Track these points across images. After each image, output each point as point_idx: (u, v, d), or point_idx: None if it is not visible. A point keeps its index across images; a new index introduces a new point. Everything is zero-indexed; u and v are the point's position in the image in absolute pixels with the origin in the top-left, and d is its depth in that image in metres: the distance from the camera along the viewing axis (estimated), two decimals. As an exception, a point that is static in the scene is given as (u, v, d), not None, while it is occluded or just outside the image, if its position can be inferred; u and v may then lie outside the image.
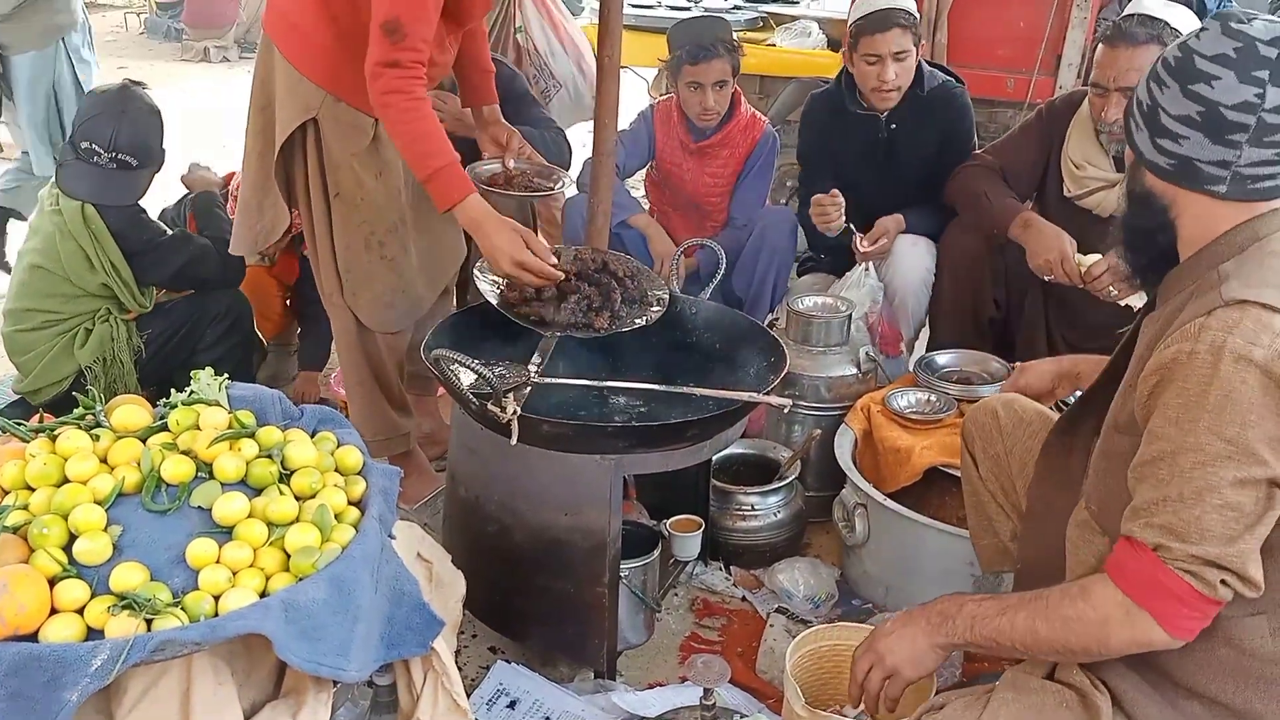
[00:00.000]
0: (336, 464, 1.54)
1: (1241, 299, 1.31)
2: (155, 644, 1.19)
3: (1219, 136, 1.35)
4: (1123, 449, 1.44)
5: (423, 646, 1.49)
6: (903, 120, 3.09)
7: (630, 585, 2.03)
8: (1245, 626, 1.36)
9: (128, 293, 2.77)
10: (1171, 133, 1.39)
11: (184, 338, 2.86)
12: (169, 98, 3.01)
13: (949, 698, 1.53)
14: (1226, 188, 1.38)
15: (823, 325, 2.68)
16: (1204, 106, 1.35)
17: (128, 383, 2.79)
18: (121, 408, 1.53)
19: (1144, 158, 1.44)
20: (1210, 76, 1.34)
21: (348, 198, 2.34)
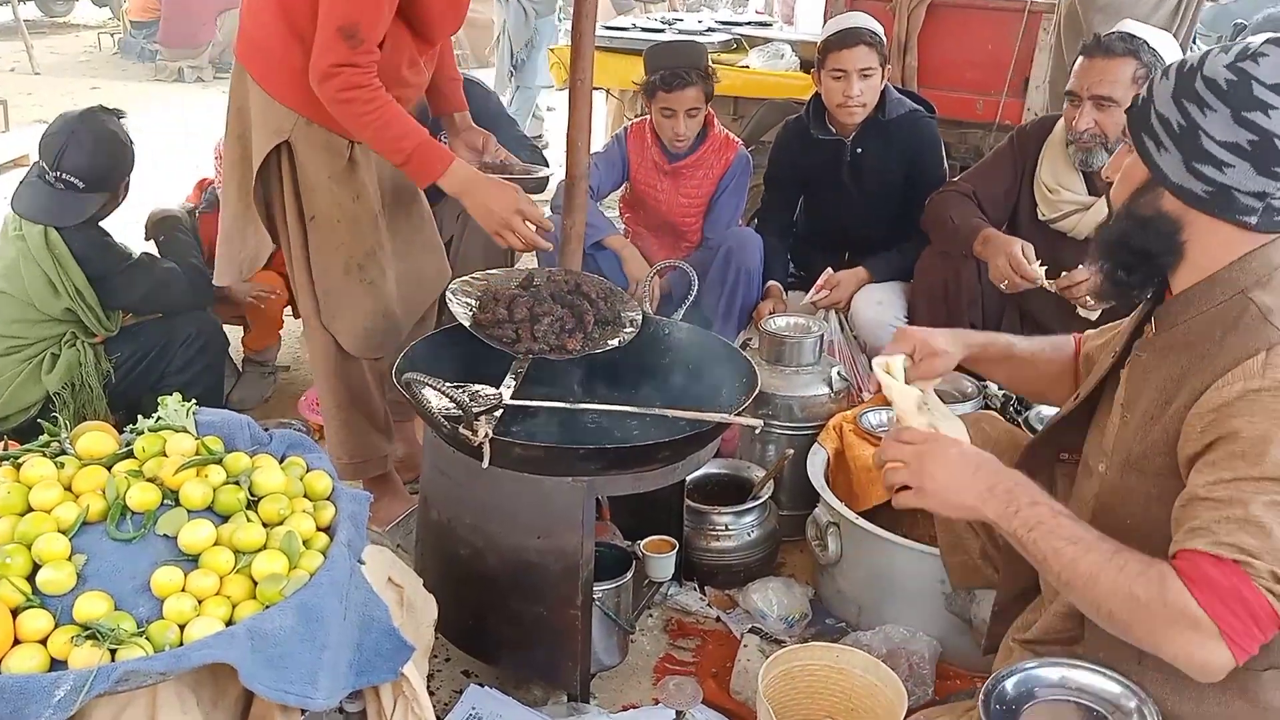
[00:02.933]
0: (305, 489, 1.54)
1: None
2: (119, 675, 1.18)
3: (1266, 168, 1.30)
4: (1143, 490, 1.41)
5: (393, 673, 1.49)
6: (867, 145, 3.15)
7: (603, 607, 2.03)
8: (1261, 681, 1.35)
9: (93, 317, 2.75)
10: (1215, 159, 1.31)
11: (153, 361, 2.84)
12: (143, 118, 2.98)
13: (926, 715, 1.53)
14: (1258, 219, 1.33)
15: (795, 345, 2.70)
16: (1257, 136, 1.29)
17: (97, 408, 2.76)
18: (87, 435, 1.52)
19: (1170, 181, 1.35)
20: (1268, 106, 1.28)
21: (324, 221, 2.34)
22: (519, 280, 2.33)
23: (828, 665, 1.90)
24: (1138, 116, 1.41)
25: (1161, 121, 1.36)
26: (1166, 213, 1.37)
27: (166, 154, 3.18)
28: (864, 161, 3.16)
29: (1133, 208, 1.41)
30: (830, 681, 1.90)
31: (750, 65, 4.46)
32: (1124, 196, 1.43)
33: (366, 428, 2.55)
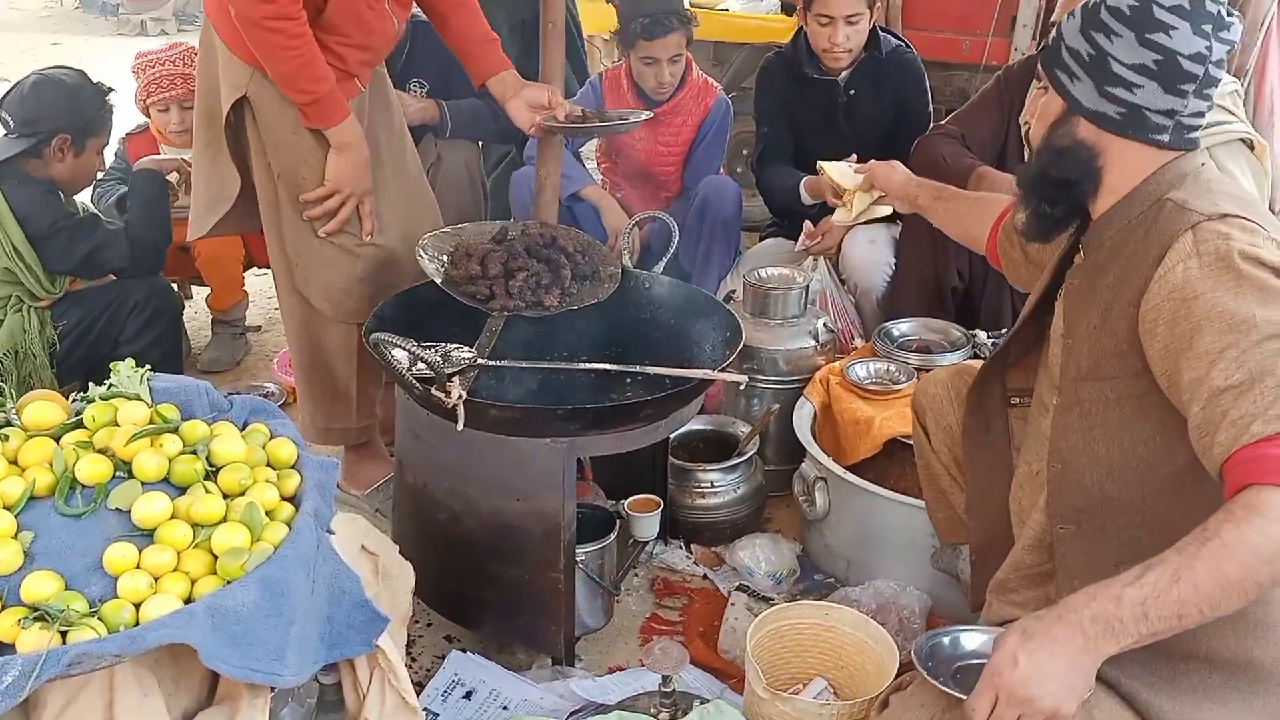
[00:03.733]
0: (269, 458, 1.46)
1: (1222, 213, 1.32)
2: (70, 658, 1.12)
3: (1172, 86, 1.37)
4: (1100, 396, 1.44)
5: (366, 645, 1.43)
6: (861, 85, 3.06)
7: (587, 570, 1.98)
8: None
9: (33, 278, 2.62)
10: (1125, 81, 1.38)
11: (104, 328, 2.72)
12: (105, 73, 2.84)
13: (915, 675, 1.49)
14: (1169, 137, 1.40)
15: (780, 297, 2.63)
16: (1162, 55, 1.36)
17: (42, 377, 2.65)
18: (34, 404, 1.43)
19: (1085, 107, 1.42)
20: (1168, 26, 1.35)
21: (290, 178, 2.23)
22: (493, 234, 2.25)
23: (817, 623, 1.86)
24: (1050, 56, 1.47)
25: (1072, 55, 1.43)
26: (1082, 140, 1.43)
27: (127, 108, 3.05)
28: (858, 103, 3.08)
29: (1051, 140, 1.47)
30: (820, 639, 1.86)
31: (730, 9, 4.34)
32: (1041, 133, 1.49)
33: (332, 395, 2.47)
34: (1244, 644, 1.36)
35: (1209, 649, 1.37)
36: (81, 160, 2.69)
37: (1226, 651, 1.36)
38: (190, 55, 3.19)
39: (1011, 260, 1.85)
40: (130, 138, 3.30)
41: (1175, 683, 1.38)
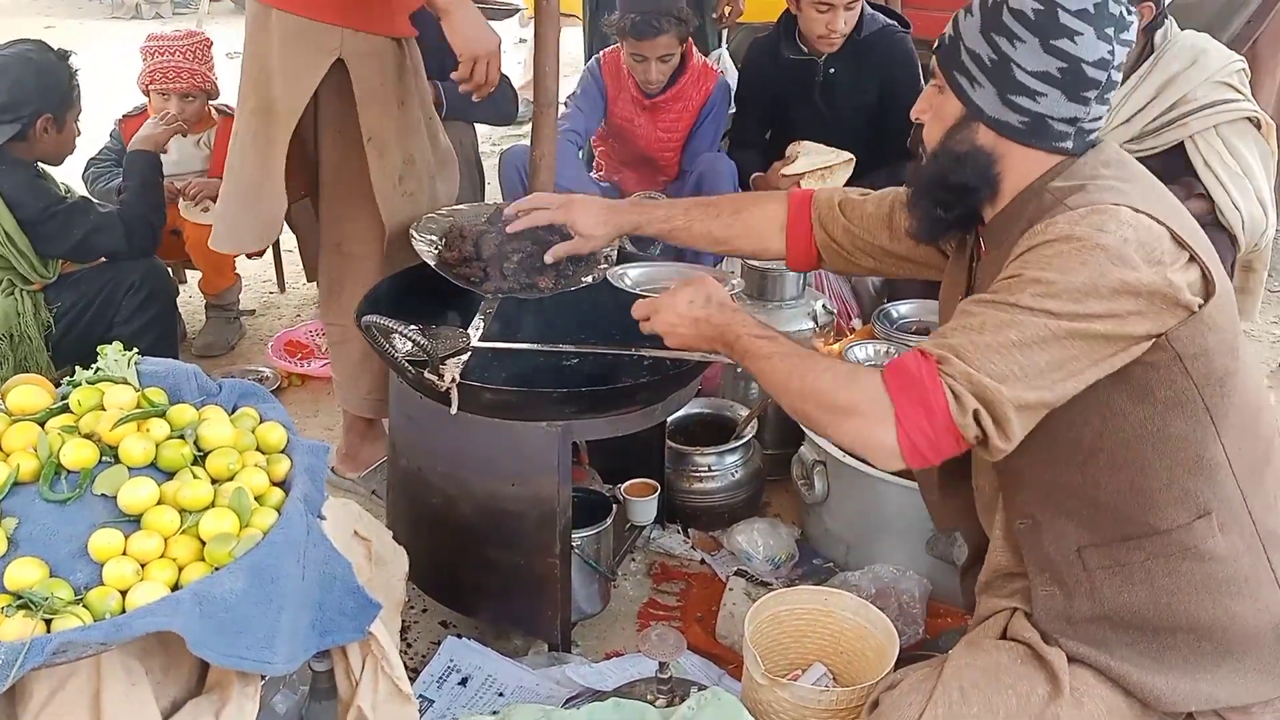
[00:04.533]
0: (258, 442, 1.44)
1: (1089, 203, 1.30)
2: (55, 646, 1.09)
3: (1076, 94, 1.33)
4: None
5: (359, 632, 1.41)
6: (841, 64, 3.03)
7: (583, 555, 1.96)
8: (1194, 531, 1.35)
9: (26, 263, 2.59)
10: (1028, 89, 1.34)
11: (98, 311, 2.69)
12: (99, 56, 2.81)
13: (906, 672, 1.49)
14: (1072, 143, 1.37)
15: (777, 279, 2.60)
16: (1066, 63, 1.32)
17: (38, 360, 2.62)
18: (18, 388, 1.40)
19: (986, 115, 1.38)
20: (1073, 32, 1.31)
21: (379, 137, 2.19)
22: (486, 215, 2.21)
23: (816, 608, 1.85)
24: (947, 54, 1.41)
25: (972, 57, 1.37)
26: (981, 146, 1.40)
27: (123, 92, 3.02)
28: (836, 81, 3.06)
29: (948, 145, 1.42)
30: (819, 625, 1.84)
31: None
32: (939, 136, 1.44)
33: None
34: (1222, 603, 1.36)
35: (1189, 617, 1.37)
36: (64, 134, 2.66)
37: (1206, 616, 1.36)
38: (202, 48, 3.16)
39: (838, 250, 1.76)
40: (127, 119, 3.26)
41: (1164, 659, 1.38)
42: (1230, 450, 1.34)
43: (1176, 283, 1.27)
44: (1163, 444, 1.34)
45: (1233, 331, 1.33)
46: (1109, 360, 1.28)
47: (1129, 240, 1.26)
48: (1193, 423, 1.33)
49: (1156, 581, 1.37)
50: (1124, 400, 1.33)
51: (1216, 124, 2.52)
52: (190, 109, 3.17)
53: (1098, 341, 1.26)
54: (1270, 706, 1.38)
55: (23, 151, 2.60)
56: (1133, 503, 1.37)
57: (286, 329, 3.40)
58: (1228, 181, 2.52)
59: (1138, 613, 1.39)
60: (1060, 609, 1.44)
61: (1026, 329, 1.25)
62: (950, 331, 1.30)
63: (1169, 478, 1.35)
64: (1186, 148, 2.56)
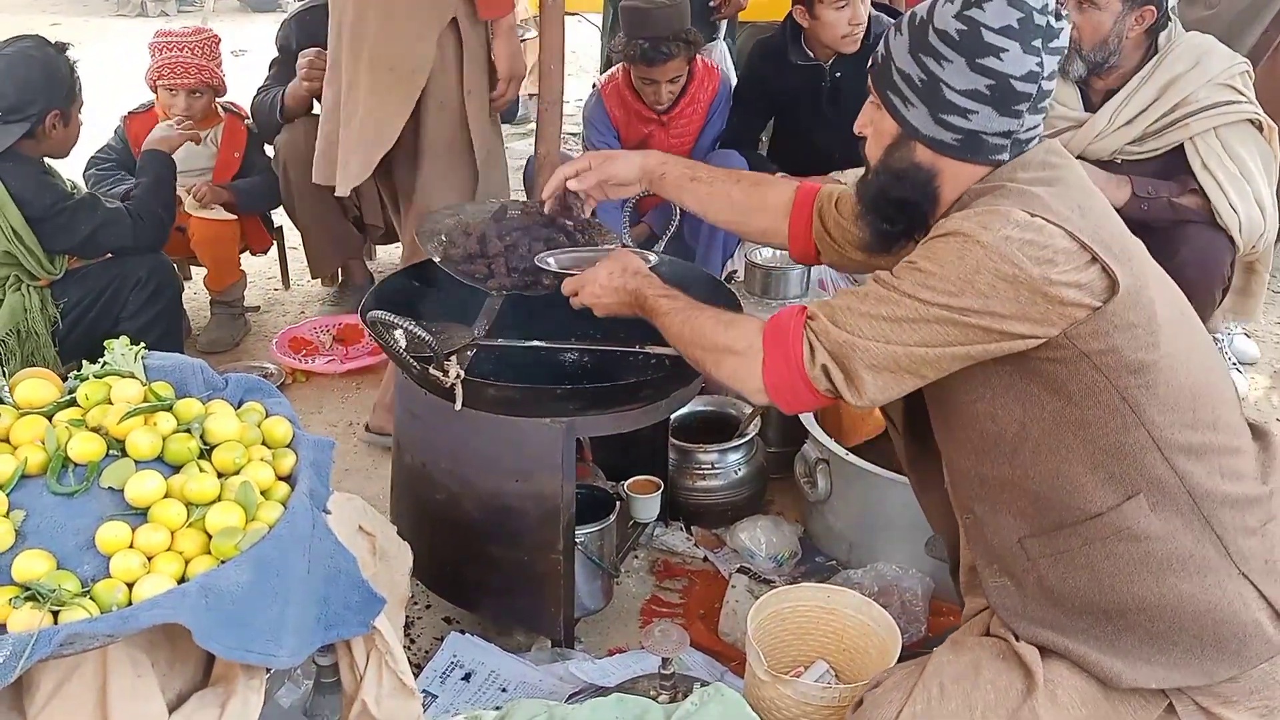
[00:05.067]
0: (264, 436, 1.44)
1: (986, 206, 1.34)
2: (62, 638, 1.10)
3: (1006, 108, 1.35)
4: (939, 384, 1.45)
5: (363, 626, 1.41)
6: (846, 69, 3.02)
7: (586, 551, 1.96)
8: (1126, 513, 1.36)
9: (34, 260, 2.61)
10: (959, 108, 1.36)
11: (105, 306, 2.70)
12: (104, 53, 2.83)
13: (892, 670, 1.51)
14: (1008, 155, 1.39)
15: (781, 276, 2.61)
16: (993, 80, 1.33)
17: (45, 355, 2.64)
18: (26, 382, 1.41)
19: (921, 134, 1.40)
20: (998, 49, 1.32)
21: (478, 93, 2.42)
22: (491, 212, 2.22)
23: (819, 606, 1.85)
24: (880, 74, 1.44)
25: (903, 77, 1.40)
26: (919, 163, 1.42)
27: (128, 88, 3.03)
28: (843, 86, 3.04)
29: (888, 162, 1.45)
30: (821, 622, 1.85)
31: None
32: (879, 154, 1.47)
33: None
34: (1167, 581, 1.37)
35: (1134, 598, 1.38)
36: (70, 128, 2.68)
37: (1152, 595, 1.37)
38: (210, 45, 3.17)
39: (832, 243, 1.78)
40: (132, 117, 3.27)
41: (1118, 642, 1.40)
42: (1156, 434, 1.35)
43: (1058, 281, 1.28)
44: (1082, 431, 1.36)
45: (1149, 327, 1.33)
46: (983, 347, 1.32)
47: (1011, 239, 1.28)
48: (1110, 411, 1.34)
49: (1097, 565, 1.39)
50: (1041, 391, 1.37)
51: (1217, 126, 2.52)
52: (197, 105, 3.19)
53: (971, 330, 1.31)
54: (1238, 686, 1.38)
55: (30, 148, 2.61)
56: (1061, 489, 1.39)
57: (291, 325, 3.41)
58: (1226, 183, 2.52)
59: (1086, 598, 1.41)
60: (1014, 599, 1.47)
61: (899, 308, 1.33)
62: (840, 295, 1.41)
63: (1093, 462, 1.37)
64: (1186, 149, 2.55)
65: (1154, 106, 2.57)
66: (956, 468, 1.52)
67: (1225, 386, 1.46)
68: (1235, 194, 2.50)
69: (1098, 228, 1.33)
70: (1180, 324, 1.41)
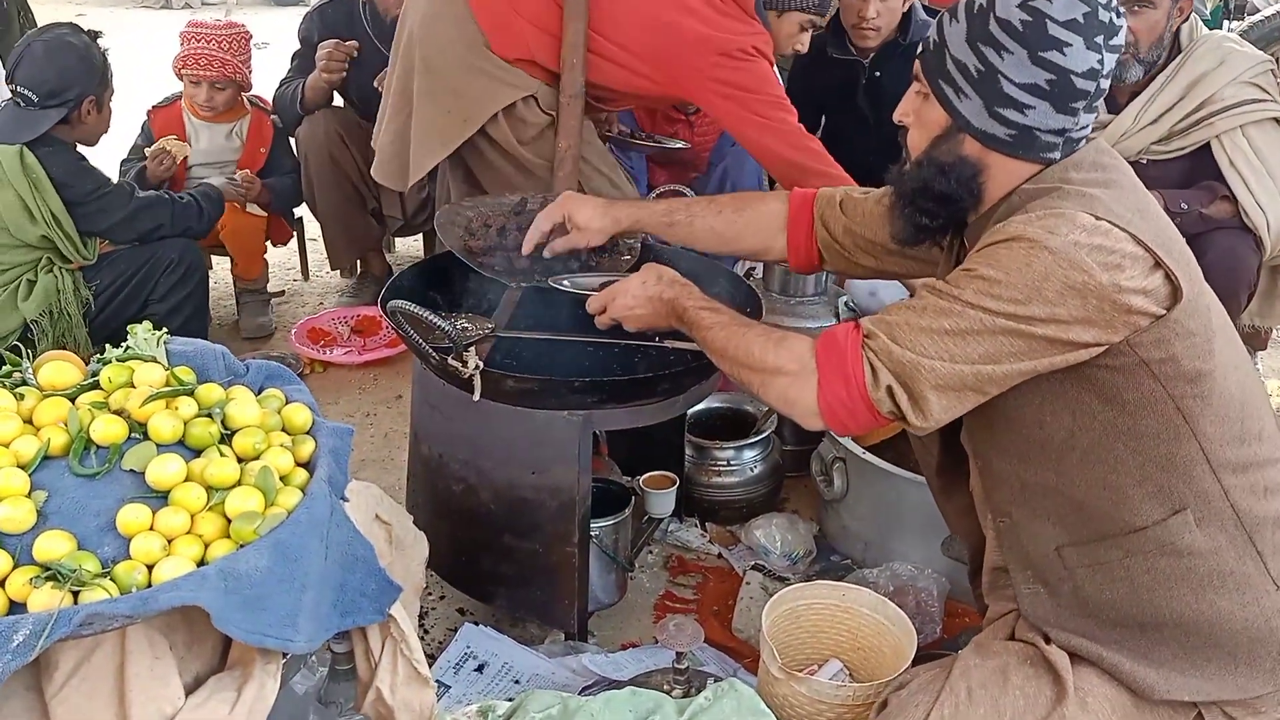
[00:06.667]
0: (283, 423, 1.45)
1: (1047, 207, 1.30)
2: (81, 618, 1.11)
3: (1064, 105, 1.31)
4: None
5: (379, 614, 1.42)
6: (886, 68, 2.98)
7: (601, 545, 1.96)
8: (1171, 528, 1.34)
9: (70, 244, 2.65)
10: (1016, 102, 1.31)
11: (135, 288, 2.75)
12: (127, 44, 2.86)
13: (915, 672, 1.49)
14: (1059, 154, 1.35)
15: (800, 275, 2.59)
16: (1055, 75, 1.29)
17: (77, 336, 2.68)
18: (50, 364, 1.42)
19: (973, 127, 1.35)
20: (1062, 43, 1.28)
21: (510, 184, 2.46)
22: (511, 205, 2.22)
23: (833, 604, 1.84)
24: (932, 62, 1.38)
25: (958, 67, 1.34)
26: (967, 156, 1.37)
27: (152, 80, 3.05)
28: (882, 85, 3.00)
29: (933, 154, 1.40)
30: (836, 620, 1.84)
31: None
32: (923, 144, 1.42)
33: None
34: (1206, 598, 1.35)
35: (1173, 613, 1.36)
36: (103, 114, 2.72)
37: (1190, 611, 1.35)
38: (240, 40, 3.20)
39: (839, 249, 1.75)
40: (156, 110, 3.29)
41: (1152, 655, 1.38)
42: (1207, 446, 1.33)
43: (1127, 288, 1.25)
44: (1134, 442, 1.33)
45: (1205, 335, 1.31)
46: (1049, 359, 1.28)
47: (1080, 244, 1.24)
48: (1164, 421, 1.32)
49: (1137, 579, 1.37)
50: (1093, 400, 1.33)
51: (1243, 124, 2.50)
52: (219, 97, 3.21)
53: (1037, 342, 1.27)
54: (1271, 698, 1.37)
55: (65, 134, 2.65)
56: (1107, 500, 1.36)
57: (310, 316, 3.42)
58: (1253, 183, 2.50)
59: (1122, 610, 1.38)
60: (1047, 606, 1.45)
61: (962, 320, 1.27)
62: (894, 310, 1.35)
63: (1141, 474, 1.34)
64: (1213, 148, 2.53)
65: (1179, 105, 2.54)
66: (994, 470, 1.49)
67: (1264, 396, 1.44)
68: (1262, 193, 2.48)
69: (1158, 232, 1.30)
70: (1227, 332, 1.39)
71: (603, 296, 1.72)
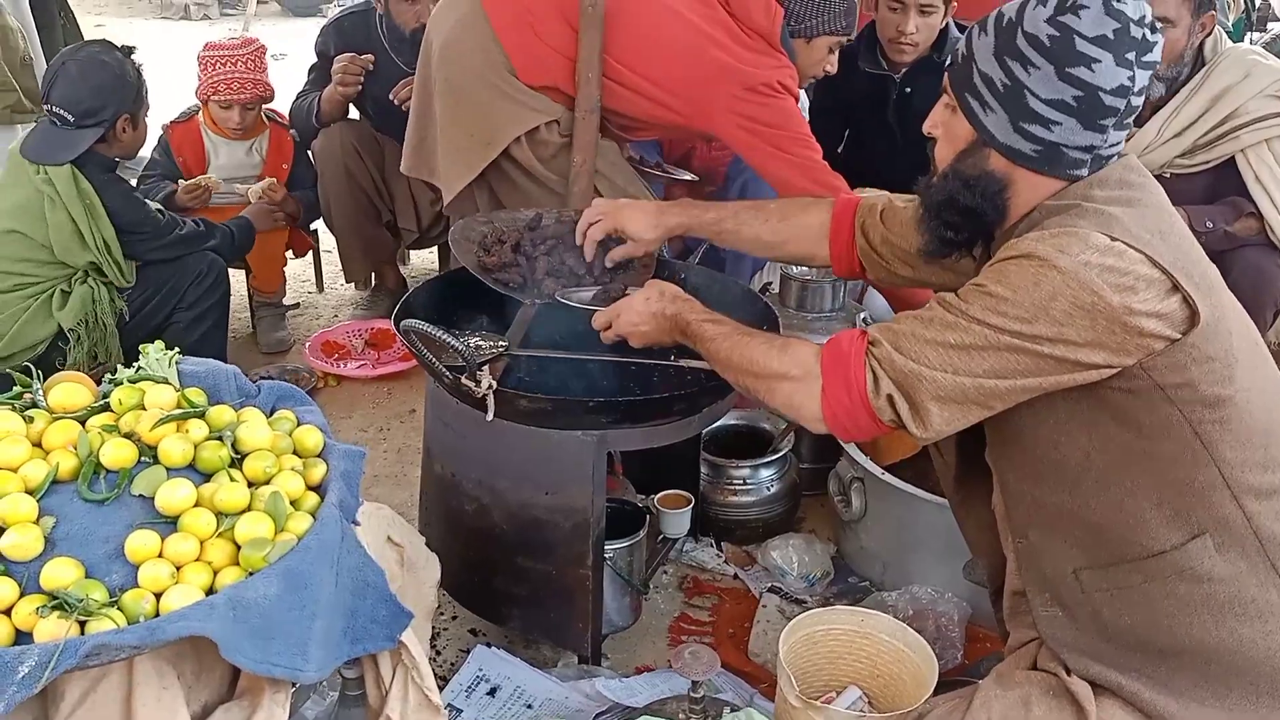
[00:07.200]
0: (295, 445, 1.43)
1: (1063, 225, 1.28)
2: (88, 649, 1.09)
3: (1092, 122, 1.28)
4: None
5: (390, 640, 1.40)
6: (917, 85, 2.94)
7: (615, 567, 1.94)
8: (1190, 553, 1.31)
9: (116, 270, 2.68)
10: (1041, 117, 1.29)
11: (164, 298, 2.78)
12: (146, 56, 2.87)
13: (935, 702, 1.46)
14: (1087, 171, 1.32)
15: (818, 290, 2.57)
16: (1082, 91, 1.27)
17: (109, 346, 2.69)
18: (60, 386, 1.41)
19: (998, 141, 1.33)
20: (1090, 59, 1.26)
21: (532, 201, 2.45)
22: (526, 221, 2.20)
23: (852, 629, 1.81)
24: (959, 74, 1.37)
25: (985, 80, 1.33)
26: (992, 171, 1.35)
27: (169, 92, 3.05)
28: (913, 102, 2.96)
29: (958, 167, 1.39)
30: (855, 647, 1.80)
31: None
32: (949, 157, 1.41)
33: None
34: (1227, 625, 1.32)
35: (1192, 639, 1.33)
36: (138, 130, 2.74)
37: (1211, 638, 1.32)
38: (259, 56, 3.21)
39: (878, 259, 1.74)
40: (174, 126, 3.29)
41: (1172, 682, 1.34)
42: (1228, 471, 1.30)
43: (1138, 311, 1.22)
44: (1150, 465, 1.31)
45: (1226, 360, 1.28)
46: (1055, 378, 1.27)
47: (1091, 264, 1.22)
48: (1181, 445, 1.29)
49: (1156, 604, 1.34)
50: (1109, 422, 1.31)
51: (1268, 139, 2.46)
52: (250, 117, 3.23)
53: (1044, 360, 1.25)
54: None
55: (103, 150, 2.66)
56: (1123, 524, 1.34)
57: (324, 329, 3.41)
58: (1279, 197, 2.46)
59: (1141, 635, 1.36)
60: (1065, 629, 1.42)
61: (967, 335, 1.27)
62: (901, 319, 1.34)
63: (1159, 498, 1.31)
64: (1238, 162, 2.50)
65: (1204, 119, 2.51)
66: (1011, 490, 1.47)
67: None
68: None
69: (1179, 254, 1.27)
70: (1255, 357, 1.35)
71: (607, 313, 1.73)
